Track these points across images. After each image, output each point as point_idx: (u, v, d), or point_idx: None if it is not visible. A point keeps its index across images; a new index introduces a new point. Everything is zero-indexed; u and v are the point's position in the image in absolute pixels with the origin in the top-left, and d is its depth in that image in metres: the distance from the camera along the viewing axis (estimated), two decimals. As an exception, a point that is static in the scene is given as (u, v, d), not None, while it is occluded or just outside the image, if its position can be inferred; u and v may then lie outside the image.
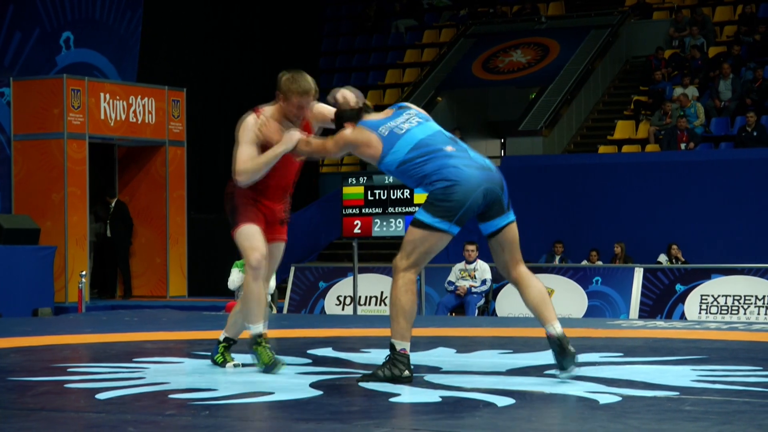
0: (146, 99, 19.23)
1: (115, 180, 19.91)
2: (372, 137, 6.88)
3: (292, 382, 6.75)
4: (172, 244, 19.57)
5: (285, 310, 17.15)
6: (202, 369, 7.45)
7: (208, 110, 22.32)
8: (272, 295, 6.92)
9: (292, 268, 17.86)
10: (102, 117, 18.53)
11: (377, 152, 6.85)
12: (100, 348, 8.92)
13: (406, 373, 6.64)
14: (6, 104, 18.56)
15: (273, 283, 6.88)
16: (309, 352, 8.36)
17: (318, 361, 7.88)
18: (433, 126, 6.97)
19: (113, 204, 19.38)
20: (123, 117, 18.84)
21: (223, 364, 7.46)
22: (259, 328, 7.22)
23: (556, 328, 6.75)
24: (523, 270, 6.93)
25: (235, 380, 6.89)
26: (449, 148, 6.82)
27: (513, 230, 6.91)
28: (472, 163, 6.78)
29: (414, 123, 6.92)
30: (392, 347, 6.70)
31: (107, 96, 18.64)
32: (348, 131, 6.97)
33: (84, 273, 17.24)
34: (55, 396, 6.41)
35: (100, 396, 6.21)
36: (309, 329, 10.73)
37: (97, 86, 18.58)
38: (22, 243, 16.72)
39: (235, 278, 14.75)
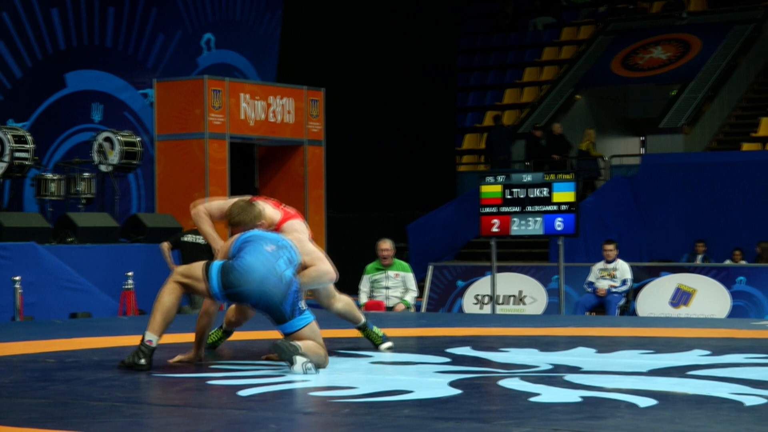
0: (285, 99, 19.40)
1: (255, 180, 20.12)
2: None
3: (431, 381, 6.75)
4: (312, 244, 19.68)
5: (423, 309, 17.17)
6: (342, 367, 7.49)
7: (347, 109, 22.43)
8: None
9: (431, 267, 17.86)
10: (242, 117, 18.74)
11: None
12: (241, 345, 9.03)
13: (143, 361, 7.20)
14: (149, 105, 18.90)
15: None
16: (448, 350, 8.35)
17: (457, 360, 7.86)
18: None
19: (256, 204, 19.54)
20: (262, 117, 19.02)
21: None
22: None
23: None
24: None
25: (374, 378, 6.91)
26: None
27: None
28: None
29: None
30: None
31: (247, 96, 18.85)
32: None
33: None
34: (198, 392, 6.51)
35: (242, 393, 6.28)
36: (447, 328, 10.72)
37: (237, 87, 18.80)
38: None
39: (361, 286, 14.59)
